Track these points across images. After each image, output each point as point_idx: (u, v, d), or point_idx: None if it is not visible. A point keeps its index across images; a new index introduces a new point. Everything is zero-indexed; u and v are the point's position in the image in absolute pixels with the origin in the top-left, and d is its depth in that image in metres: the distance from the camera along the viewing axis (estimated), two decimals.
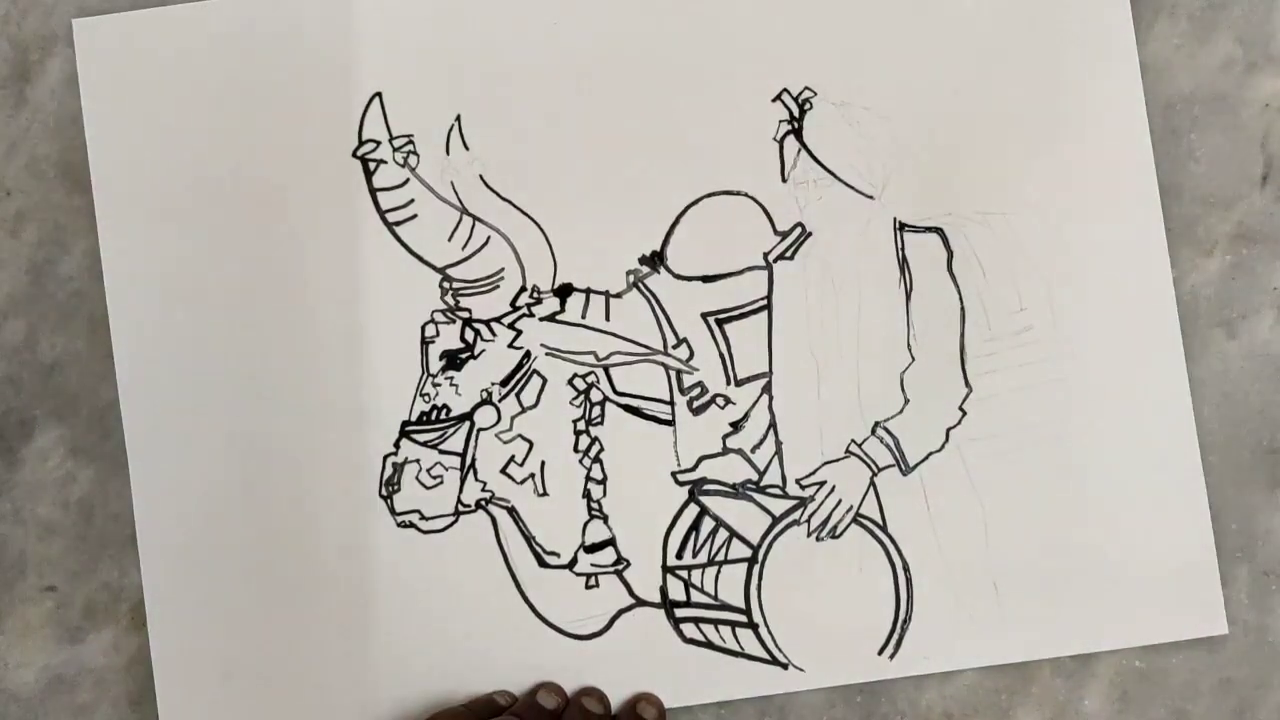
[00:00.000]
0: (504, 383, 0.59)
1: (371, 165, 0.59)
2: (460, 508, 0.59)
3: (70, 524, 0.59)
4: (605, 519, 0.58)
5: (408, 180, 0.59)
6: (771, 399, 0.58)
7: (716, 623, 0.58)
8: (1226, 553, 0.58)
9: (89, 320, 0.60)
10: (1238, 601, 0.58)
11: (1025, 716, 0.58)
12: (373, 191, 0.59)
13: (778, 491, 0.58)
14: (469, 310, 0.59)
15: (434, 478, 0.59)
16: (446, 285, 0.59)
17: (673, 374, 0.59)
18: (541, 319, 0.59)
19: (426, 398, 0.59)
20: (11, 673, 0.59)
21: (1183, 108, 0.60)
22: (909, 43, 0.59)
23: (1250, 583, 0.58)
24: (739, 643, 0.58)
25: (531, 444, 0.59)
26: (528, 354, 0.59)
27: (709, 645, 0.58)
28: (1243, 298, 0.59)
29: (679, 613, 0.58)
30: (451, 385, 0.59)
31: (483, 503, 0.59)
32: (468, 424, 0.59)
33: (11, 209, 0.60)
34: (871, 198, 0.59)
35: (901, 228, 0.59)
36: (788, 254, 0.59)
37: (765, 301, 0.59)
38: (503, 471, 0.59)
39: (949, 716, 0.58)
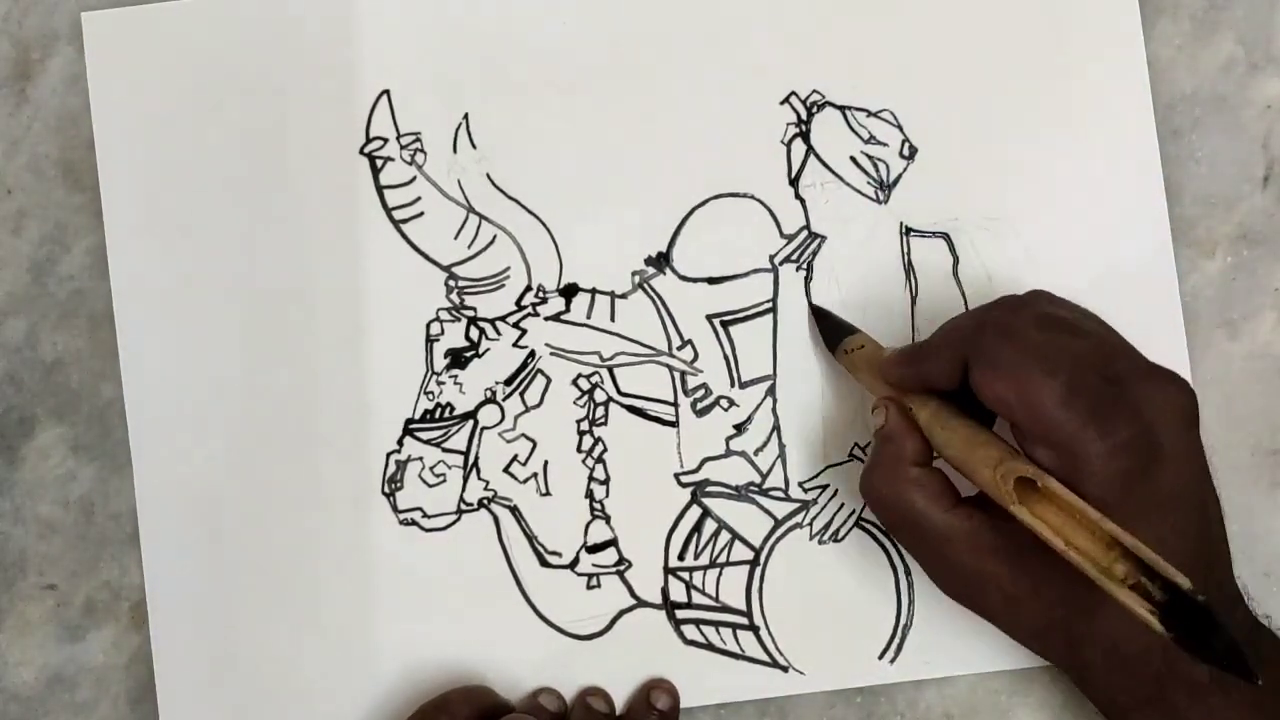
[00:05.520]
0: (508, 382, 0.59)
1: (378, 162, 0.59)
2: (463, 506, 0.58)
3: (70, 522, 0.59)
4: (608, 519, 0.58)
5: (414, 178, 0.59)
6: (775, 402, 0.58)
7: (717, 624, 0.58)
8: None
9: (90, 319, 0.59)
10: None
11: (1025, 717, 0.58)
12: (379, 189, 0.59)
13: (780, 494, 0.58)
14: (474, 309, 0.59)
15: (437, 476, 0.58)
16: (452, 283, 0.59)
17: (677, 375, 0.59)
18: (546, 318, 0.59)
19: (430, 396, 0.59)
20: (11, 671, 0.59)
21: (1184, 108, 0.60)
22: (917, 47, 0.59)
23: (1250, 584, 0.58)
24: (740, 645, 0.58)
25: (535, 443, 0.59)
26: (532, 353, 0.59)
27: (710, 647, 0.58)
28: (1244, 299, 0.59)
29: (680, 614, 0.58)
30: (455, 383, 0.59)
31: (485, 501, 0.59)
32: (471, 422, 0.59)
33: (13, 207, 0.60)
34: (878, 202, 0.59)
35: (908, 232, 0.59)
36: (794, 258, 0.59)
37: (770, 304, 0.59)
38: (506, 470, 0.59)
39: (949, 717, 0.58)
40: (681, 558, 0.58)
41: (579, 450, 0.59)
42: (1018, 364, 0.47)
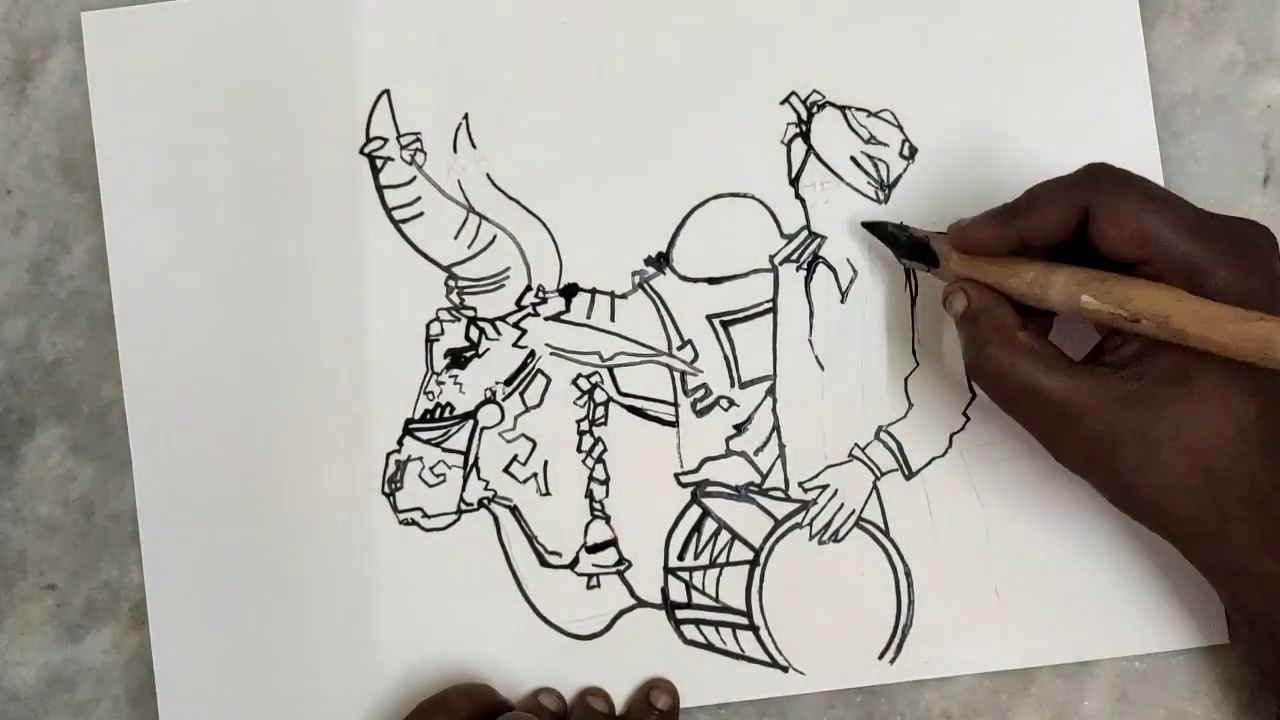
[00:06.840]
0: (508, 382, 0.59)
1: (379, 162, 0.59)
2: (463, 506, 0.58)
3: (70, 522, 0.59)
4: (607, 519, 0.58)
5: (415, 178, 0.59)
6: (775, 402, 0.58)
7: (717, 624, 0.58)
8: None
9: (90, 318, 0.59)
10: None
11: (1025, 717, 0.58)
12: (379, 189, 0.59)
13: (780, 494, 0.58)
14: (474, 309, 0.59)
15: (437, 476, 0.58)
16: (452, 283, 0.59)
17: (677, 375, 0.59)
18: (546, 318, 0.59)
19: (430, 395, 0.59)
20: (11, 671, 0.59)
21: (1184, 109, 0.60)
22: (918, 47, 0.59)
23: None
24: (739, 645, 0.58)
25: (535, 443, 0.59)
26: (532, 353, 0.59)
27: (710, 647, 0.58)
28: None
29: (680, 614, 0.58)
30: (455, 383, 0.59)
31: (485, 501, 0.59)
32: (471, 422, 0.59)
33: (13, 207, 0.60)
34: (878, 202, 0.59)
35: None
36: (794, 258, 0.59)
37: (771, 304, 0.59)
38: (505, 470, 0.59)
39: (948, 717, 0.58)
40: (681, 558, 0.58)
41: (579, 450, 0.59)
42: (1142, 204, 0.48)
